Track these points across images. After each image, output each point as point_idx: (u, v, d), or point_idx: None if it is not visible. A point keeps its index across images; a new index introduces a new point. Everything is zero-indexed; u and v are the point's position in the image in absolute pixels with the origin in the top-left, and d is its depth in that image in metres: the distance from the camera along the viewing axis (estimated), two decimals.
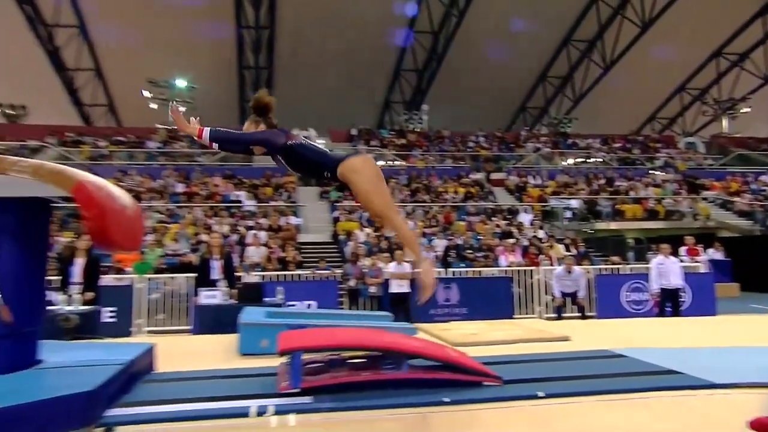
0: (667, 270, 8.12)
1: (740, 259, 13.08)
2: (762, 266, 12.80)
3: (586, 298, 9.10)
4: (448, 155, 21.67)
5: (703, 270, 11.07)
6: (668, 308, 8.10)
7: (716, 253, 13.49)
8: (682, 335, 5.45)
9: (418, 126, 25.34)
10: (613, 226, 15.97)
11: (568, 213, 16.14)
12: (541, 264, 10.98)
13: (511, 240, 12.87)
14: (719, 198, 18.41)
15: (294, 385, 2.88)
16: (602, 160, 22.35)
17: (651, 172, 20.44)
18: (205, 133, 2.85)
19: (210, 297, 6.28)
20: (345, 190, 16.34)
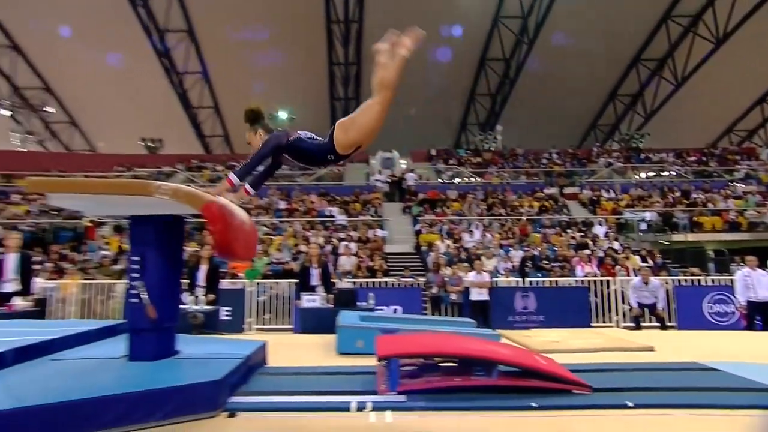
0: (754, 282, 7.27)
1: None
2: None
3: (665, 309, 8.38)
4: (522, 171, 21.02)
5: None
6: (758, 321, 7.23)
7: None
8: None
9: (493, 145, 24.80)
10: (691, 237, 14.60)
11: (643, 225, 14.99)
12: (618, 274, 10.28)
13: (587, 251, 12.15)
14: None
15: (392, 388, 2.85)
16: (677, 173, 20.69)
17: (731, 183, 18.57)
18: (233, 180, 2.85)
19: (310, 301, 6.42)
20: (425, 205, 16.31)
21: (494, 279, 9.73)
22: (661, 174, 21.13)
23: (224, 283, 8.83)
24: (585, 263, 11.08)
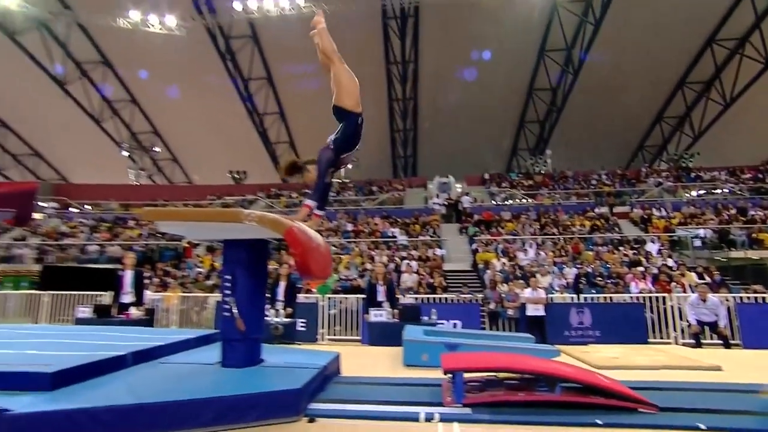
0: None
1: None
2: None
3: (727, 327, 7.58)
4: (572, 192, 20.20)
5: None
6: None
7: None
8: None
9: (543, 168, 24.05)
10: (751, 254, 13.28)
11: (697, 242, 13.83)
12: (674, 291, 9.49)
13: (640, 268, 11.35)
14: None
15: (457, 401, 2.74)
16: (730, 190, 19.00)
17: None
18: (311, 205, 3.12)
19: (377, 315, 6.38)
20: (480, 226, 15.96)
21: (549, 295, 9.29)
22: (713, 192, 19.51)
23: (300, 298, 9.06)
24: (639, 280, 10.35)
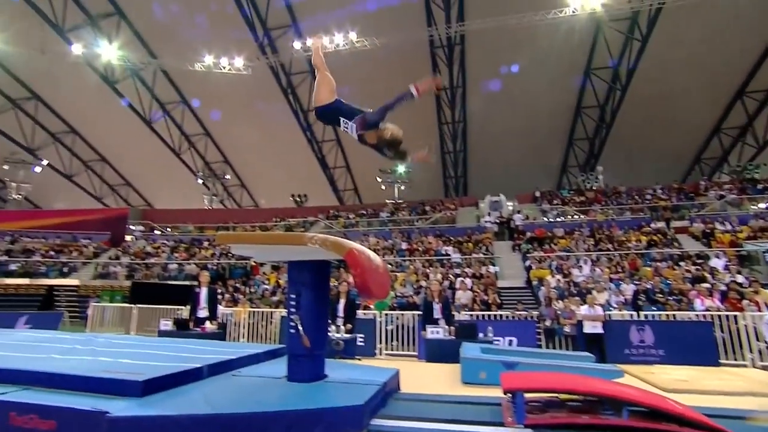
0: None
1: None
2: None
3: None
4: (626, 208, 18.98)
5: None
6: None
7: None
8: None
9: (595, 184, 22.91)
10: None
11: None
12: (746, 309, 8.56)
13: (706, 285, 10.38)
14: None
15: (518, 421, 2.59)
16: None
17: None
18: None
19: (434, 332, 6.26)
20: (533, 243, 15.39)
21: (607, 312, 8.70)
22: None
23: (358, 314, 9.09)
24: (705, 297, 9.45)
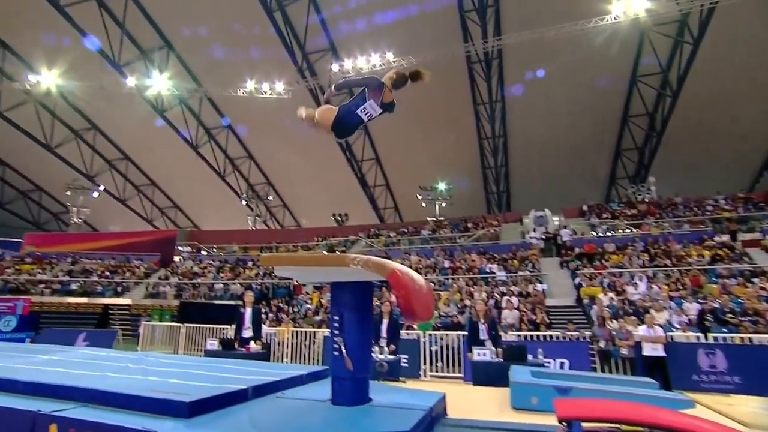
0: None
1: None
2: None
3: None
4: (684, 220, 17.81)
5: None
6: None
7: None
8: None
9: (647, 196, 21.73)
10: None
11: None
12: None
13: None
14: None
15: None
16: None
17: None
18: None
19: (481, 354, 6.08)
20: (582, 259, 14.74)
21: (669, 333, 8.12)
22: None
23: (401, 334, 9.00)
24: None
